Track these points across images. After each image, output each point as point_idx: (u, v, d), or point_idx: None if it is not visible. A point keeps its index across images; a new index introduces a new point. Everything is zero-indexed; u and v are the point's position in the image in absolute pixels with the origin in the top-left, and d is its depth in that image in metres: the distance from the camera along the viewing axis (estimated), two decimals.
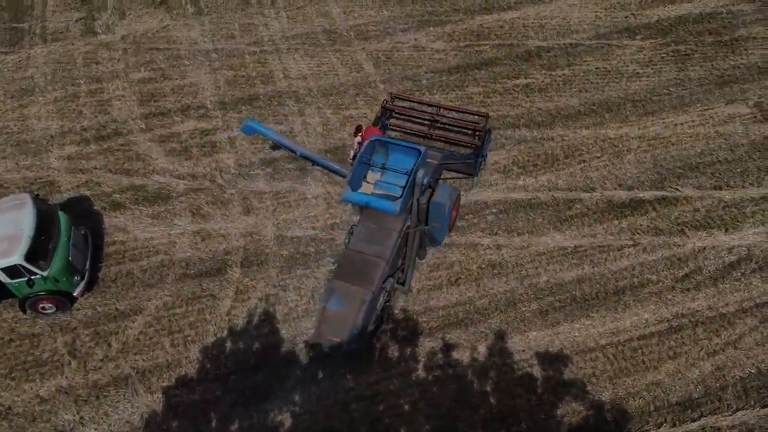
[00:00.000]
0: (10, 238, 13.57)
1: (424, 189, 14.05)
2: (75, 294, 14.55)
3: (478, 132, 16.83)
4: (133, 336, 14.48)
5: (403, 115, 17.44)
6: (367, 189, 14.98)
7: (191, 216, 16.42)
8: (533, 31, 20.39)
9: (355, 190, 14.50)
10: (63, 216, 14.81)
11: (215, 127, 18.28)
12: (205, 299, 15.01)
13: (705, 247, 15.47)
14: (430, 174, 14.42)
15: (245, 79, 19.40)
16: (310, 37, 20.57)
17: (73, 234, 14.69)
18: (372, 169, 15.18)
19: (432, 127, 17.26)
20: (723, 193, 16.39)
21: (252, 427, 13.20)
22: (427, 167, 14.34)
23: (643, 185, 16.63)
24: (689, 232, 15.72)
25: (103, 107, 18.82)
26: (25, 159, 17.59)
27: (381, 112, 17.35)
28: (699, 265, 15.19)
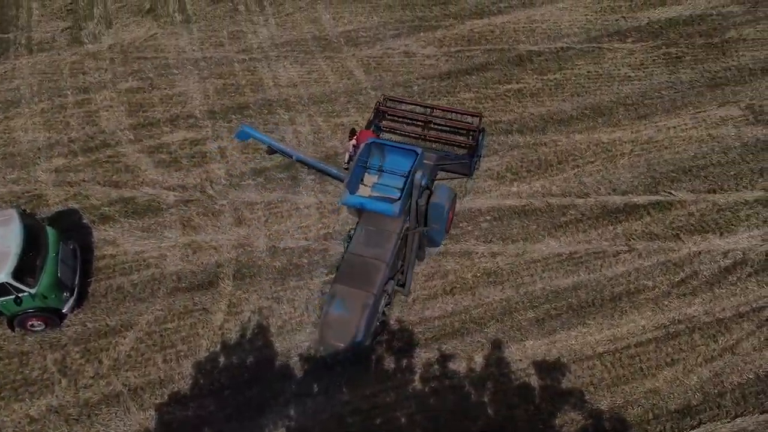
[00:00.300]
0: None
1: (423, 190, 14.02)
2: (64, 311, 14.30)
3: (471, 132, 16.78)
4: (125, 352, 14.24)
5: (397, 117, 17.38)
6: (365, 192, 14.95)
7: (182, 228, 16.20)
8: (524, 36, 20.29)
9: (353, 193, 14.44)
10: (51, 231, 14.56)
11: (205, 136, 18.06)
12: (197, 313, 14.79)
13: (700, 252, 15.40)
14: (427, 175, 14.45)
15: (235, 88, 19.19)
16: (300, 44, 20.39)
17: (62, 249, 14.44)
18: (368, 171, 15.15)
19: (426, 128, 17.21)
20: (717, 196, 16.34)
21: None
22: (424, 168, 14.38)
23: (637, 190, 16.55)
24: (684, 237, 15.65)
25: (90, 118, 18.56)
26: (11, 172, 17.30)
27: (374, 114, 17.26)
28: (694, 269, 15.12)
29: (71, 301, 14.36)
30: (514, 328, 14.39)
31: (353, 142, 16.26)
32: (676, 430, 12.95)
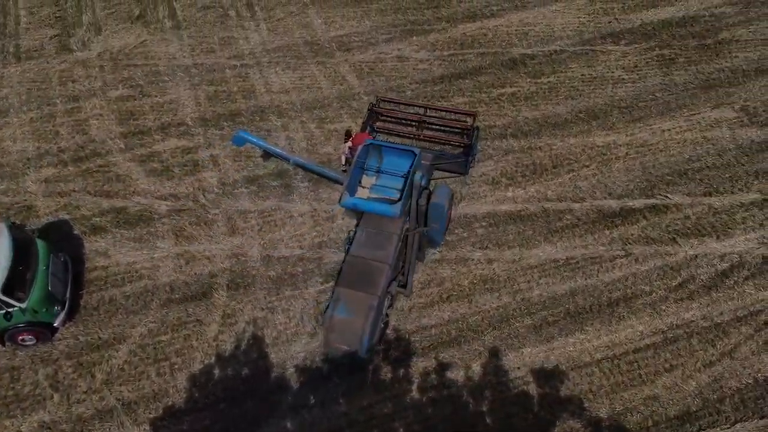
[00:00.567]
0: None
1: (422, 190, 13.97)
2: (56, 324, 14.07)
3: (466, 131, 16.74)
4: (118, 366, 14.03)
5: (391, 118, 17.32)
6: (363, 194, 14.88)
7: (174, 238, 16.00)
8: (517, 39, 20.19)
9: (352, 195, 14.34)
10: (41, 243, 14.34)
11: (197, 144, 17.86)
12: (191, 325, 14.60)
13: (697, 255, 15.33)
14: (426, 175, 14.45)
15: (226, 95, 19.00)
16: (292, 49, 20.21)
17: (52, 261, 14.21)
18: (366, 173, 15.08)
19: (420, 128, 17.17)
20: (713, 199, 16.28)
21: None
22: (422, 168, 14.38)
23: (632, 193, 16.47)
24: (680, 241, 15.58)
25: (80, 127, 18.32)
26: (0, 183, 17.06)
27: (368, 115, 17.18)
28: (692, 273, 15.05)
29: (62, 314, 14.13)
30: (511, 335, 14.28)
31: (349, 144, 16.15)
32: None
